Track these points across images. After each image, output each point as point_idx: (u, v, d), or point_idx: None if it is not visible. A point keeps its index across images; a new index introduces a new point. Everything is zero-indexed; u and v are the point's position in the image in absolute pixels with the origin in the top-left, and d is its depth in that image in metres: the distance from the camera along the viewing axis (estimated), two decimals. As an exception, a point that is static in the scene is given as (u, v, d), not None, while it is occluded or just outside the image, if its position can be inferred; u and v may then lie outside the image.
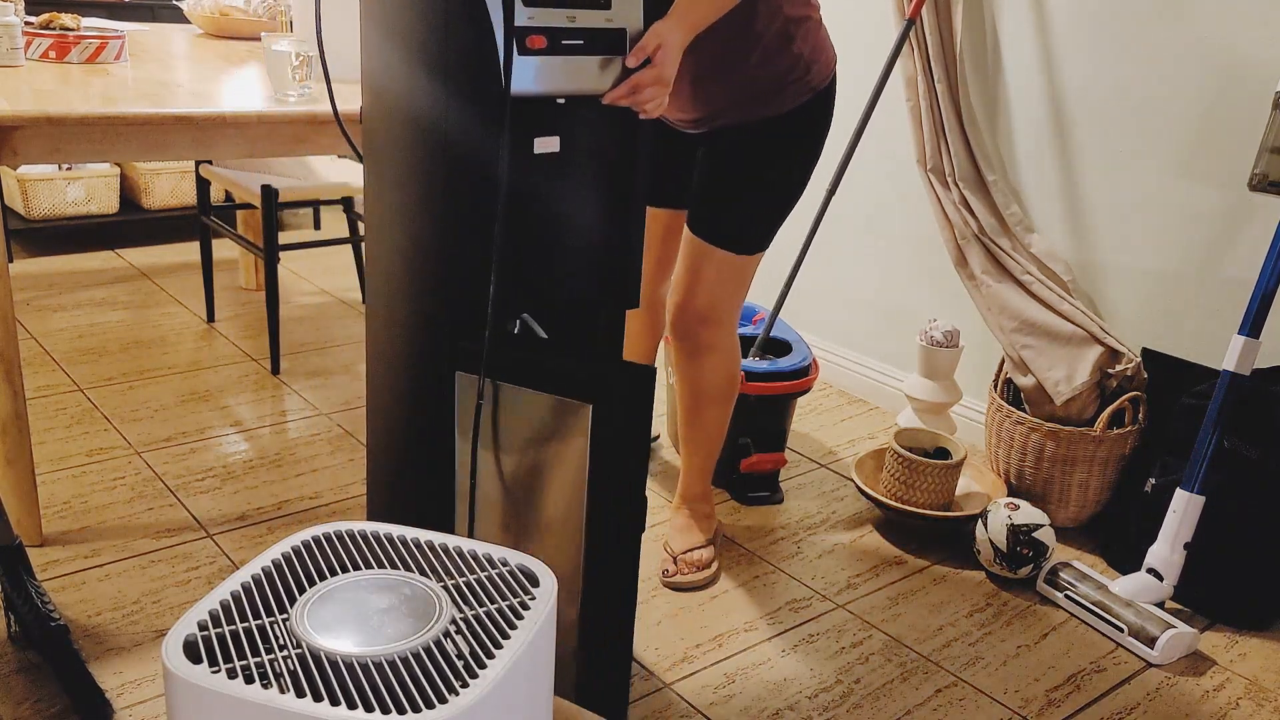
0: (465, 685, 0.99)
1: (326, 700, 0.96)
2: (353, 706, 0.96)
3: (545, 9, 1.35)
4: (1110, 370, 2.27)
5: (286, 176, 2.97)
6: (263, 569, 1.13)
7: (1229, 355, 1.95)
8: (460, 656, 1.04)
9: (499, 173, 1.37)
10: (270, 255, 2.75)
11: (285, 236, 4.06)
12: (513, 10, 1.30)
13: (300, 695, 0.96)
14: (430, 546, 1.20)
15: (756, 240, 1.87)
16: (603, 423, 1.39)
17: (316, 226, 4.25)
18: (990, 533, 2.10)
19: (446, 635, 1.05)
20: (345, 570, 1.16)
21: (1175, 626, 1.92)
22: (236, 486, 2.24)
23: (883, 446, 2.42)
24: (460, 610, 1.10)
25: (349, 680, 0.99)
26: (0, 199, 2.76)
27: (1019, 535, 2.07)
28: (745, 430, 2.29)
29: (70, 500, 2.14)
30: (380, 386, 1.60)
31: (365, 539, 1.21)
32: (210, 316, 3.14)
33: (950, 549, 2.25)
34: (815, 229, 2.50)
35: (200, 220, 3.06)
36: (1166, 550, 1.99)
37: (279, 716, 0.95)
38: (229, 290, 3.41)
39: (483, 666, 1.02)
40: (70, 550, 1.98)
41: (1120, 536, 2.22)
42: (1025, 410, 2.36)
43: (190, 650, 1.01)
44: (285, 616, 1.07)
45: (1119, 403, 2.23)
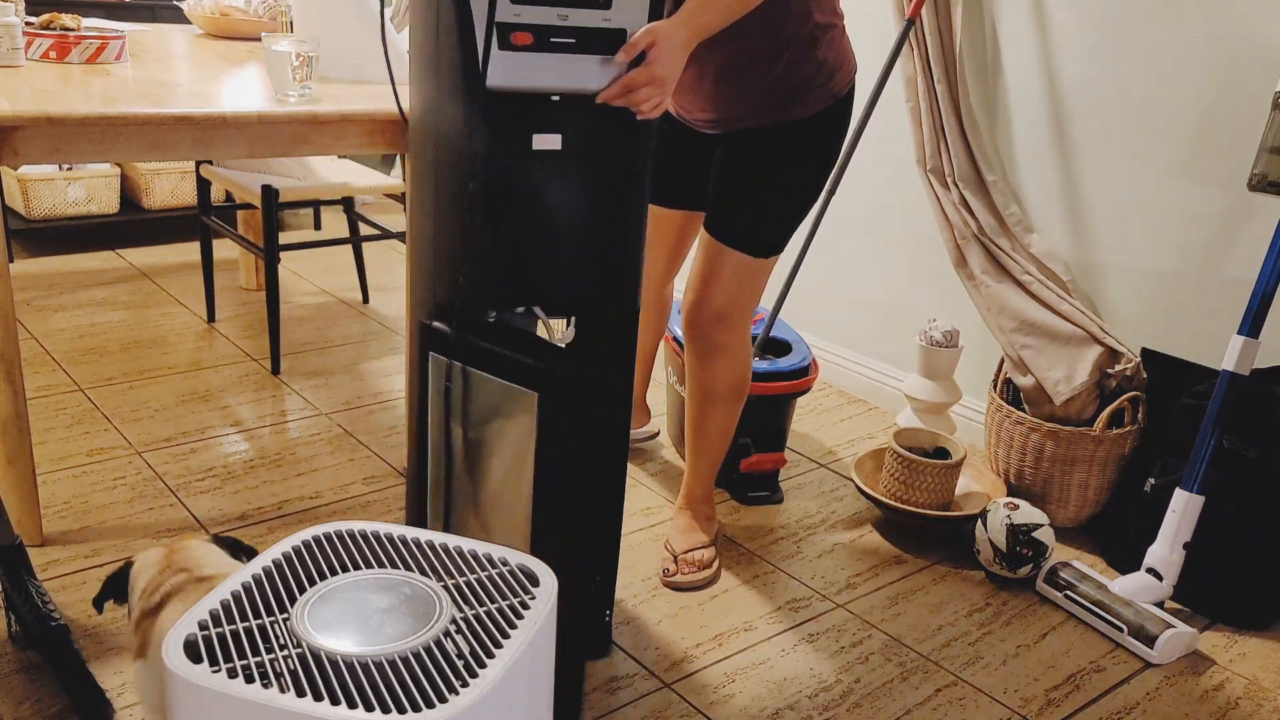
0: (465, 685, 0.99)
1: (326, 700, 0.96)
2: (353, 706, 0.96)
3: (535, 7, 1.36)
4: (1110, 370, 2.27)
5: (286, 176, 2.97)
6: (263, 569, 1.13)
7: (1229, 355, 1.95)
8: (460, 656, 1.04)
9: (482, 168, 1.40)
10: (270, 255, 2.75)
11: (285, 236, 4.06)
12: (494, 6, 1.32)
13: (300, 695, 0.96)
14: (430, 546, 1.21)
15: (772, 242, 1.88)
16: (547, 410, 1.42)
17: (317, 226, 4.25)
18: (990, 532, 2.10)
19: (446, 635, 1.06)
20: (345, 570, 1.16)
21: (1175, 626, 1.92)
22: (236, 486, 2.24)
23: (882, 446, 2.42)
24: (460, 610, 1.10)
25: (349, 680, 0.99)
26: (1, 199, 2.76)
27: (1019, 535, 2.07)
28: (745, 430, 2.29)
29: (70, 500, 2.14)
30: (410, 365, 1.68)
31: (365, 539, 1.21)
32: (210, 316, 3.14)
33: (950, 549, 2.25)
34: (815, 229, 2.50)
35: (200, 220, 3.06)
36: (1166, 550, 1.99)
37: (279, 716, 0.95)
38: (229, 290, 3.41)
39: (483, 666, 1.02)
40: (70, 550, 1.98)
41: (1120, 536, 2.22)
42: (1025, 410, 2.36)
43: (190, 650, 1.01)
44: (285, 616, 1.07)
45: (1119, 403, 2.23)
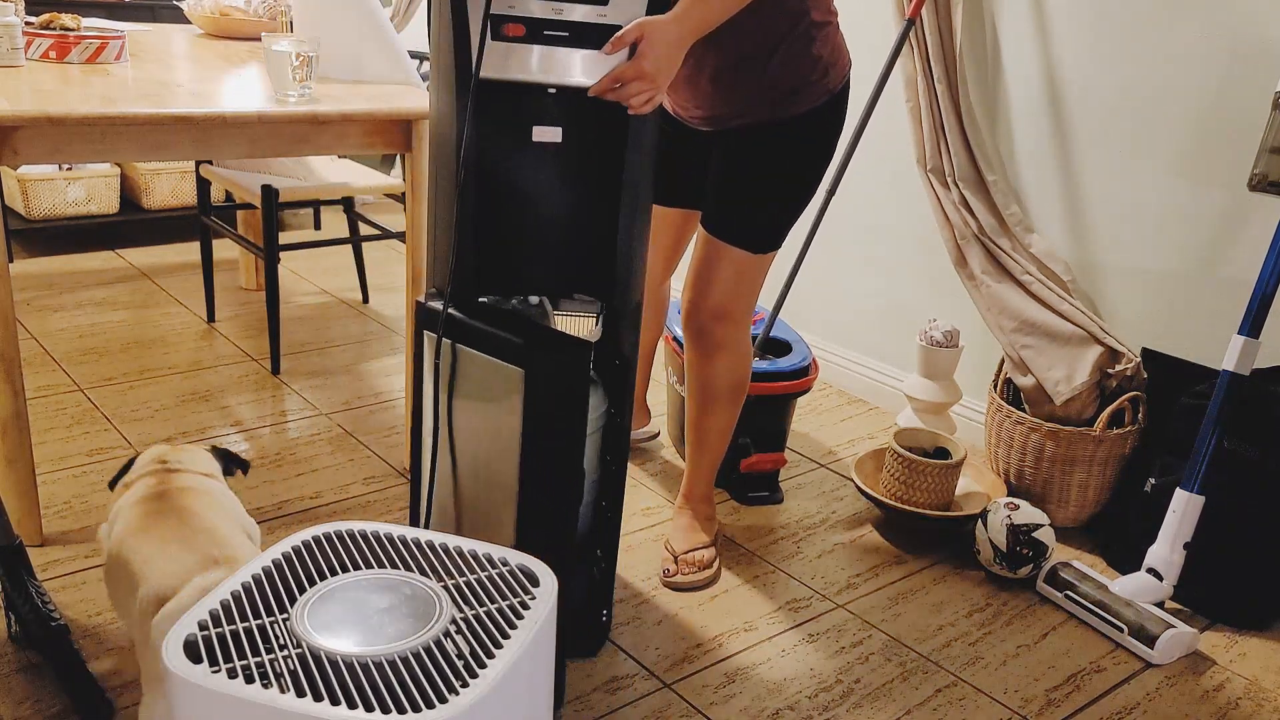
0: (465, 685, 0.99)
1: (326, 700, 0.96)
2: (353, 706, 0.96)
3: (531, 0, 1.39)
4: (1110, 370, 2.27)
5: (286, 176, 2.97)
6: (263, 569, 1.13)
7: (1229, 355, 1.95)
8: (460, 656, 1.04)
9: (472, 157, 1.43)
10: (270, 255, 2.75)
11: (285, 236, 4.06)
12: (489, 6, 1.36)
13: (300, 695, 0.96)
14: (430, 546, 1.21)
15: (770, 238, 1.89)
16: (533, 387, 1.45)
17: (316, 226, 4.25)
18: (990, 533, 2.10)
19: (446, 635, 1.06)
20: (345, 570, 1.16)
21: (1175, 626, 1.92)
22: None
23: (883, 446, 2.42)
24: (460, 610, 1.10)
25: (349, 680, 0.99)
26: (0, 199, 2.76)
27: (1019, 535, 2.07)
28: (745, 430, 2.29)
29: (70, 500, 2.14)
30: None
31: (365, 539, 1.21)
32: (210, 316, 3.14)
33: (950, 549, 2.25)
34: (815, 229, 2.50)
35: (200, 220, 3.06)
36: (1166, 550, 1.99)
37: (279, 716, 0.95)
38: (229, 290, 3.41)
39: (483, 666, 1.02)
40: (70, 550, 1.98)
41: (1120, 536, 2.22)
42: (1025, 410, 2.36)
43: (190, 650, 1.01)
44: (285, 616, 1.07)
45: (1119, 403, 2.23)
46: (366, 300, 3.42)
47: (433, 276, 1.61)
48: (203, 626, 1.04)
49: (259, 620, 1.06)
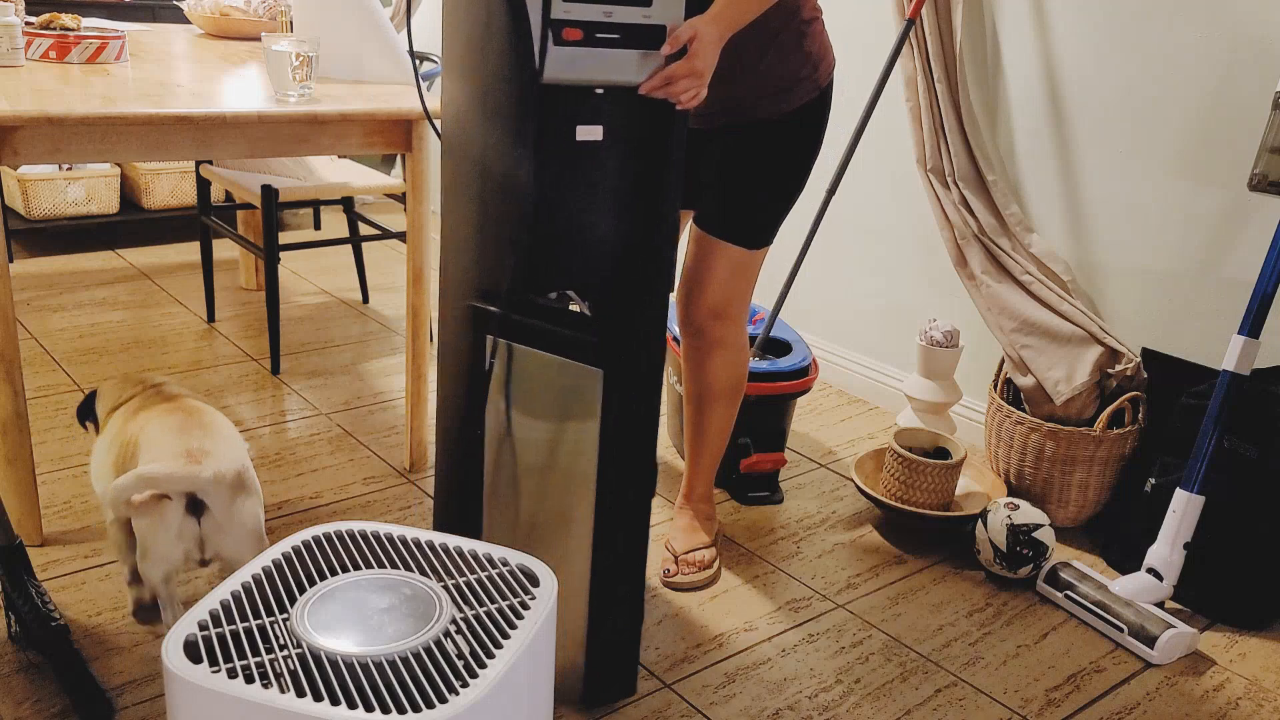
0: (465, 685, 0.99)
1: (326, 700, 0.96)
2: (353, 706, 0.96)
3: (582, 4, 1.45)
4: (1110, 370, 2.27)
5: (286, 176, 2.97)
6: (263, 569, 1.13)
7: (1229, 355, 1.95)
8: (460, 656, 1.04)
9: (530, 156, 1.48)
10: (270, 255, 2.75)
11: (285, 236, 4.06)
12: (549, 4, 1.41)
13: (300, 695, 0.96)
14: (430, 546, 1.21)
15: (764, 234, 1.91)
16: (611, 386, 1.52)
17: (316, 226, 4.25)
18: (990, 533, 2.10)
19: (446, 635, 1.06)
20: (345, 570, 1.16)
21: (1175, 626, 1.92)
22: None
23: (883, 446, 2.42)
24: (460, 610, 1.10)
25: (349, 680, 0.99)
26: (0, 199, 2.76)
27: (1019, 535, 2.07)
28: (745, 430, 2.29)
29: (70, 500, 2.14)
30: (445, 351, 1.74)
31: (365, 539, 1.21)
32: (210, 316, 3.14)
33: (950, 549, 2.25)
34: (815, 229, 2.50)
35: (200, 220, 3.06)
36: (1166, 550, 1.99)
37: (279, 716, 0.95)
38: (229, 290, 3.41)
39: (483, 666, 1.02)
40: (70, 550, 1.98)
41: (1120, 536, 2.22)
42: (1025, 410, 2.36)
43: (190, 650, 1.01)
44: (285, 616, 1.07)
45: (1119, 403, 2.23)
46: (366, 300, 3.42)
47: (473, 276, 1.61)
48: (202, 627, 1.04)
49: (259, 620, 1.06)
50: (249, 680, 0.97)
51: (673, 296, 2.56)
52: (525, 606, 1.11)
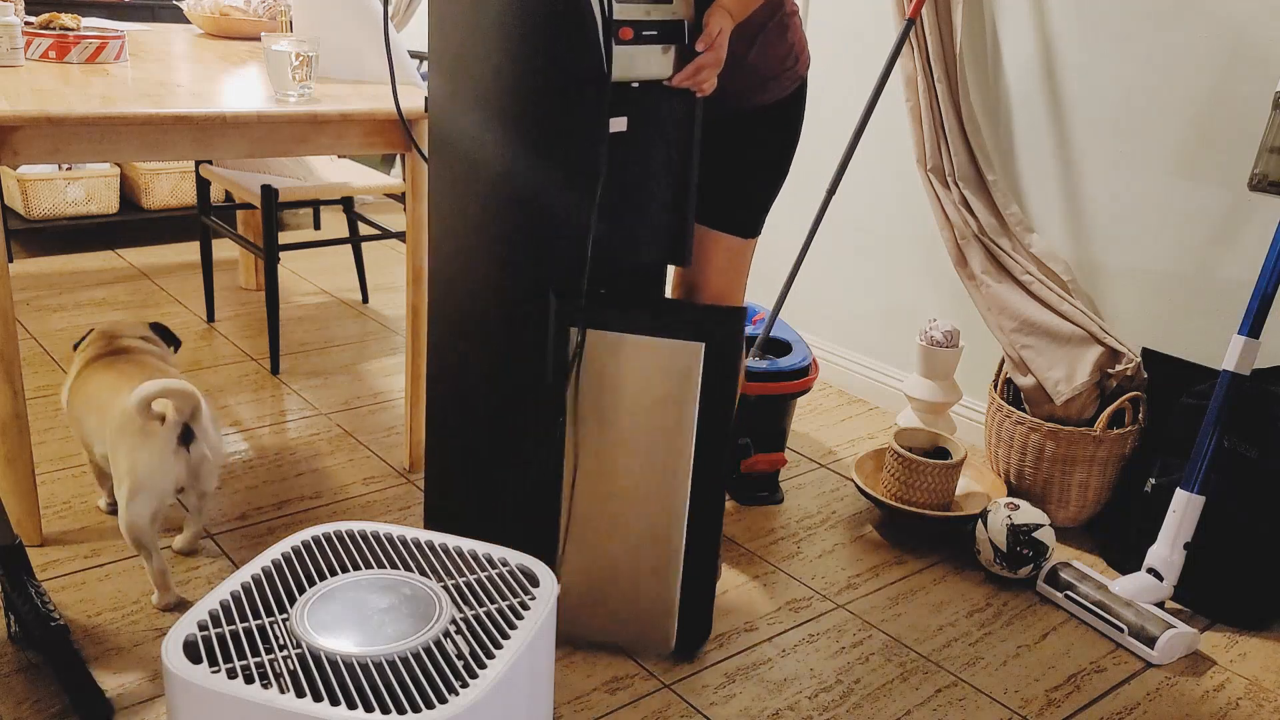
0: (465, 685, 0.99)
1: (326, 700, 0.96)
2: (353, 706, 0.96)
3: (627, 4, 1.54)
4: (1110, 370, 2.27)
5: (286, 176, 2.97)
6: (262, 569, 1.13)
7: (1229, 355, 1.95)
8: (460, 656, 1.04)
9: (600, 152, 1.58)
10: (270, 255, 2.75)
11: (285, 236, 4.06)
12: (610, 6, 1.51)
13: (300, 695, 0.96)
14: (430, 546, 1.21)
15: (756, 223, 1.95)
16: (712, 358, 1.64)
17: (316, 226, 4.25)
18: (990, 533, 2.10)
19: (446, 635, 1.06)
20: (345, 570, 1.16)
21: (1175, 626, 1.92)
22: (236, 486, 2.24)
23: (883, 446, 2.42)
24: (460, 610, 1.10)
25: (349, 680, 0.99)
26: (0, 199, 2.76)
27: (1019, 535, 2.07)
28: (745, 430, 2.29)
29: (70, 500, 2.14)
30: (439, 352, 1.79)
31: (365, 539, 1.21)
32: (210, 316, 3.14)
33: (950, 549, 2.25)
34: (815, 229, 2.50)
35: (200, 220, 3.06)
36: (1166, 550, 1.99)
37: (279, 716, 0.95)
38: (229, 290, 3.41)
39: (483, 666, 1.02)
40: (70, 550, 1.98)
41: (1120, 536, 2.22)
42: (1025, 410, 2.36)
43: (190, 650, 1.01)
44: (285, 616, 1.07)
45: (1119, 403, 2.23)
46: (366, 300, 3.42)
47: (532, 269, 1.65)
48: (202, 627, 1.04)
49: (259, 620, 1.06)
50: (249, 680, 0.97)
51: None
52: (525, 606, 1.11)
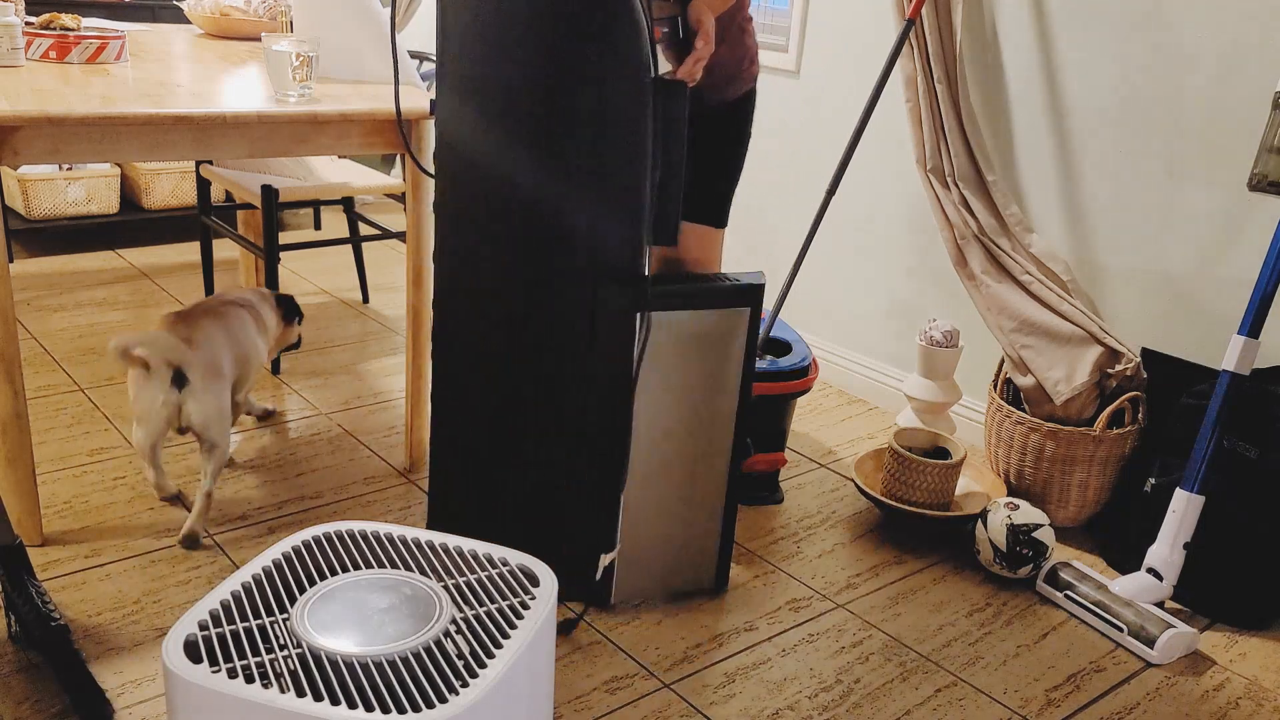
0: (465, 685, 0.99)
1: (326, 700, 0.96)
2: (353, 706, 0.96)
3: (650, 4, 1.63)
4: (1110, 370, 2.27)
5: (286, 176, 2.97)
6: (263, 569, 1.13)
7: (1229, 355, 1.95)
8: (460, 656, 1.04)
9: (652, 146, 1.66)
10: (270, 255, 2.75)
11: (285, 236, 4.06)
12: (650, 8, 1.58)
13: (300, 695, 0.96)
14: (430, 546, 1.21)
15: (724, 213, 2.11)
16: (753, 317, 1.81)
17: (317, 226, 4.25)
18: (990, 533, 2.10)
19: (446, 635, 1.06)
20: (345, 570, 1.16)
21: (1175, 626, 1.92)
22: (237, 486, 2.24)
23: (882, 446, 2.42)
24: (460, 610, 1.10)
25: (349, 680, 0.99)
26: (0, 199, 2.76)
27: (1019, 535, 2.07)
28: (745, 430, 2.29)
29: (70, 500, 2.14)
30: (447, 350, 1.86)
31: (365, 539, 1.21)
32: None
33: (950, 549, 2.25)
34: (815, 229, 2.50)
35: (200, 220, 3.06)
36: (1166, 550, 1.99)
37: (279, 716, 0.95)
38: (229, 290, 3.41)
39: (483, 666, 1.02)
40: (70, 550, 1.98)
41: (1120, 536, 2.22)
42: (1025, 410, 2.36)
43: (190, 650, 1.01)
44: (285, 616, 1.07)
45: (1119, 403, 2.23)
46: (366, 300, 3.42)
47: (591, 258, 1.72)
48: (202, 626, 1.04)
49: (259, 620, 1.06)
50: (249, 680, 0.97)
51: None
52: (525, 606, 1.11)
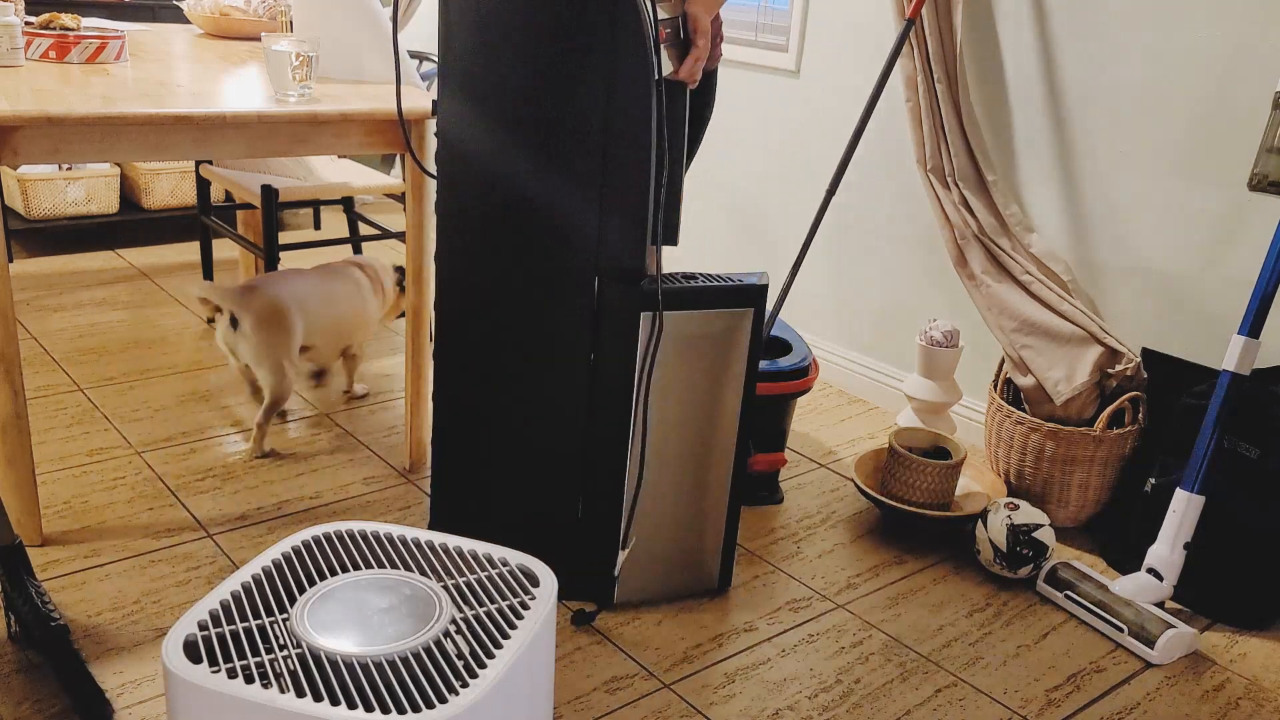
0: (465, 685, 0.99)
1: (326, 700, 0.96)
2: (353, 706, 0.96)
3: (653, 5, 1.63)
4: (1110, 370, 2.27)
5: (286, 176, 2.97)
6: (263, 569, 1.13)
7: (1229, 355, 1.95)
8: (460, 656, 1.04)
9: (655, 146, 1.66)
10: (270, 255, 2.75)
11: (285, 236, 4.06)
12: (655, 8, 1.58)
13: (300, 695, 0.96)
14: (430, 546, 1.21)
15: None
16: (757, 318, 1.82)
17: (316, 226, 4.25)
18: (990, 533, 2.10)
19: (446, 635, 1.06)
20: (345, 570, 1.16)
21: (1175, 626, 1.92)
22: (236, 486, 2.24)
23: (882, 446, 2.42)
24: (460, 610, 1.10)
25: (349, 680, 0.99)
26: (0, 199, 2.76)
27: (1019, 535, 2.07)
28: (748, 431, 2.29)
29: (70, 500, 2.14)
30: (449, 349, 1.90)
31: (365, 539, 1.21)
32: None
33: (950, 549, 2.25)
34: (815, 229, 2.50)
35: (200, 220, 3.06)
36: (1166, 550, 1.99)
37: (279, 716, 0.95)
38: (229, 290, 3.41)
39: (483, 666, 1.02)
40: (70, 550, 1.98)
41: (1120, 536, 2.22)
42: (1025, 410, 2.36)
43: (190, 650, 1.01)
44: (285, 616, 1.07)
45: (1119, 403, 2.23)
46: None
47: (596, 259, 1.73)
48: (202, 627, 1.04)
49: (259, 620, 1.06)
50: (249, 680, 0.97)
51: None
52: (525, 606, 1.11)
